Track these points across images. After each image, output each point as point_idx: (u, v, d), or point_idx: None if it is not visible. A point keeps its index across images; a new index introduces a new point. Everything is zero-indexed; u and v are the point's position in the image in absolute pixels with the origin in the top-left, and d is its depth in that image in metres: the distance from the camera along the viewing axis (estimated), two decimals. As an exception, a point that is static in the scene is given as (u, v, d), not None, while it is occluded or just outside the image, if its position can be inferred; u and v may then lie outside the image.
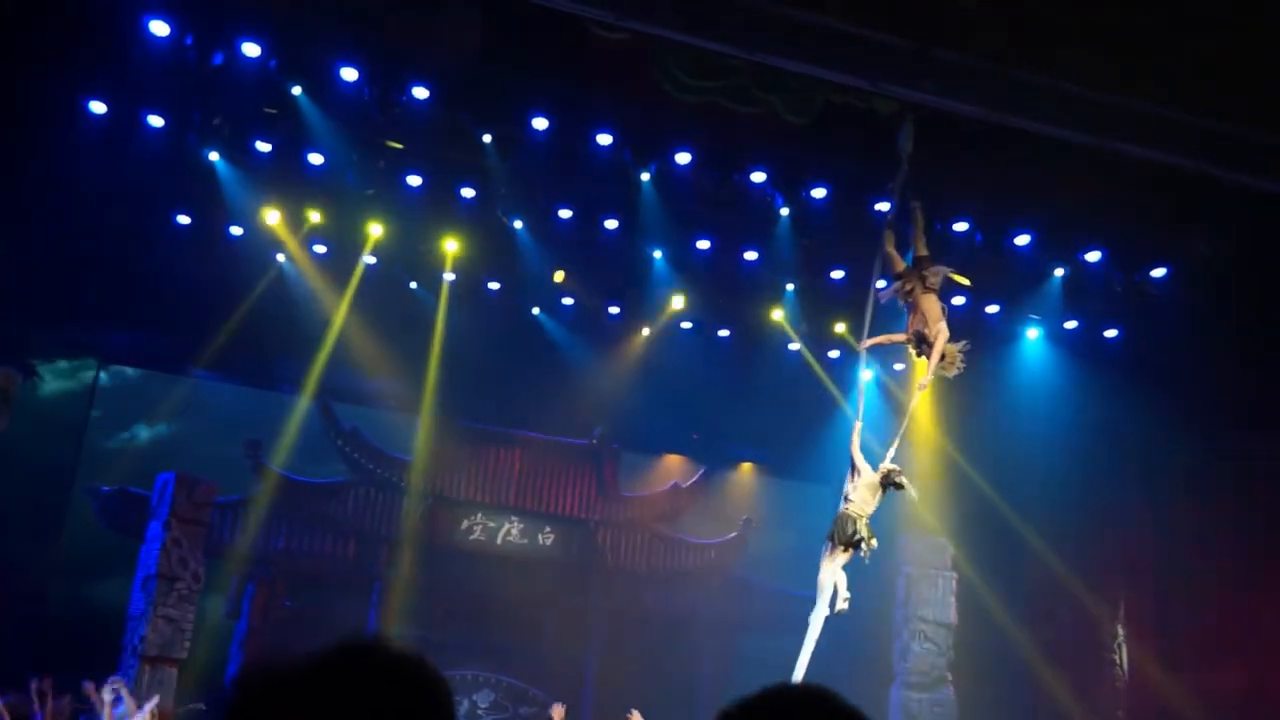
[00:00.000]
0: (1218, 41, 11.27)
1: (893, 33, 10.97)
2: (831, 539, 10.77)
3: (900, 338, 11.58)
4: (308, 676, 1.64)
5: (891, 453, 11.05)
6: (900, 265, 11.59)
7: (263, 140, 14.47)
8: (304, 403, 17.69)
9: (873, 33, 10.95)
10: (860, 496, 10.81)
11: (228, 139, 14.47)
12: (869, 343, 11.74)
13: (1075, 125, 11.80)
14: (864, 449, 11.13)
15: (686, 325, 18.12)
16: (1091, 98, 11.50)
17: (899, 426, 11.41)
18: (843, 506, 10.88)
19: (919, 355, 11.47)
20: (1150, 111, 11.61)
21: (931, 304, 11.31)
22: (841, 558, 10.79)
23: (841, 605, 10.94)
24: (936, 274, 11.41)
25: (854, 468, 10.98)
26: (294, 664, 1.66)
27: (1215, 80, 11.49)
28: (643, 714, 12.10)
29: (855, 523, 10.72)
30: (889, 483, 10.85)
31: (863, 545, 10.66)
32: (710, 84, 12.80)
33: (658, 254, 16.62)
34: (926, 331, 11.23)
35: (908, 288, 11.37)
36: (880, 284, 11.72)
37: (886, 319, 12.05)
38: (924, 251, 11.73)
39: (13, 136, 13.64)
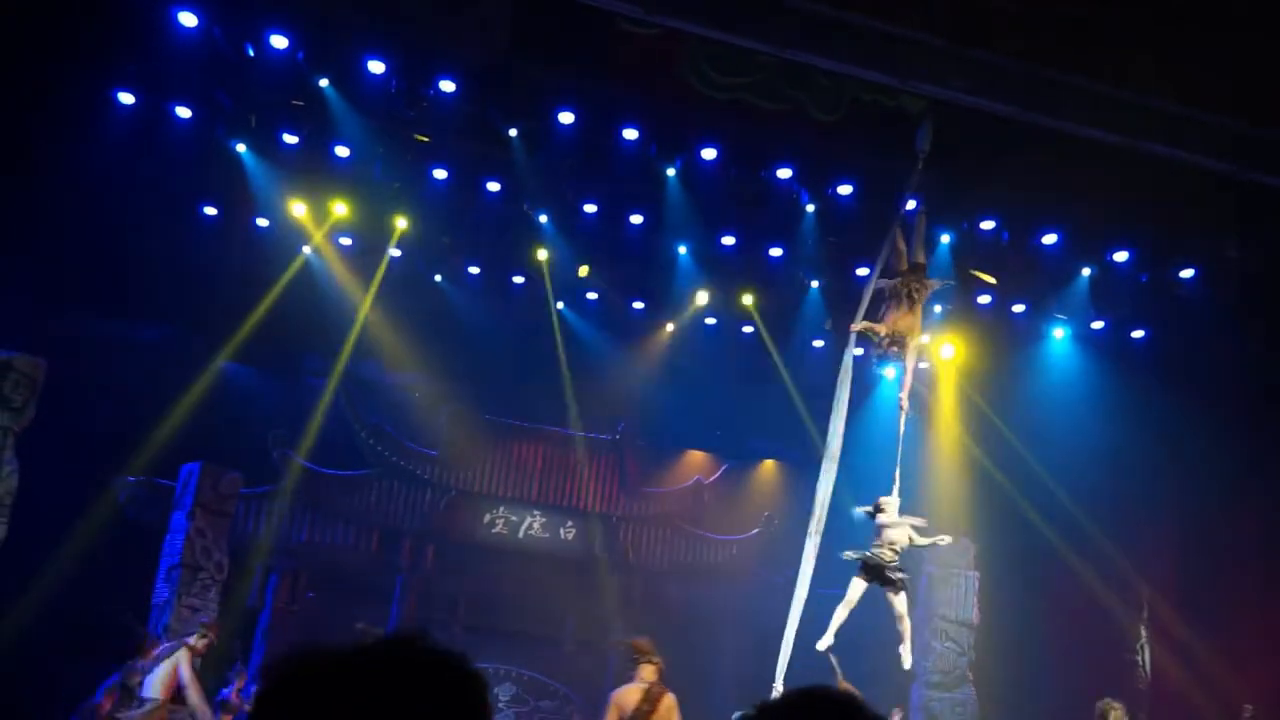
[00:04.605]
0: (1249, 44, 11.18)
1: (924, 30, 10.92)
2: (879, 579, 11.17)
3: (880, 329, 11.58)
4: (346, 669, 1.62)
5: (896, 486, 11.24)
6: (905, 262, 11.63)
7: (290, 132, 14.53)
8: (329, 395, 17.73)
9: (903, 30, 10.90)
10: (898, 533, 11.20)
11: (255, 131, 14.53)
12: (860, 326, 11.76)
13: (1105, 125, 11.72)
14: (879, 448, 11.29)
15: (711, 321, 18.10)
16: (1121, 98, 11.42)
17: (929, 439, 11.49)
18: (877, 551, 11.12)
19: (885, 351, 11.54)
20: (1180, 112, 11.52)
21: (912, 320, 11.37)
22: (896, 599, 11.29)
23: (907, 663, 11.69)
24: (923, 288, 11.52)
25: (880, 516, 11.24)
26: (330, 656, 1.64)
27: (1245, 82, 11.41)
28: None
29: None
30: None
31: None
32: (738, 80, 12.77)
33: (683, 249, 16.60)
34: (896, 348, 11.35)
35: (900, 289, 11.46)
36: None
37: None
38: (921, 259, 11.79)
39: (41, 127, 13.73)
